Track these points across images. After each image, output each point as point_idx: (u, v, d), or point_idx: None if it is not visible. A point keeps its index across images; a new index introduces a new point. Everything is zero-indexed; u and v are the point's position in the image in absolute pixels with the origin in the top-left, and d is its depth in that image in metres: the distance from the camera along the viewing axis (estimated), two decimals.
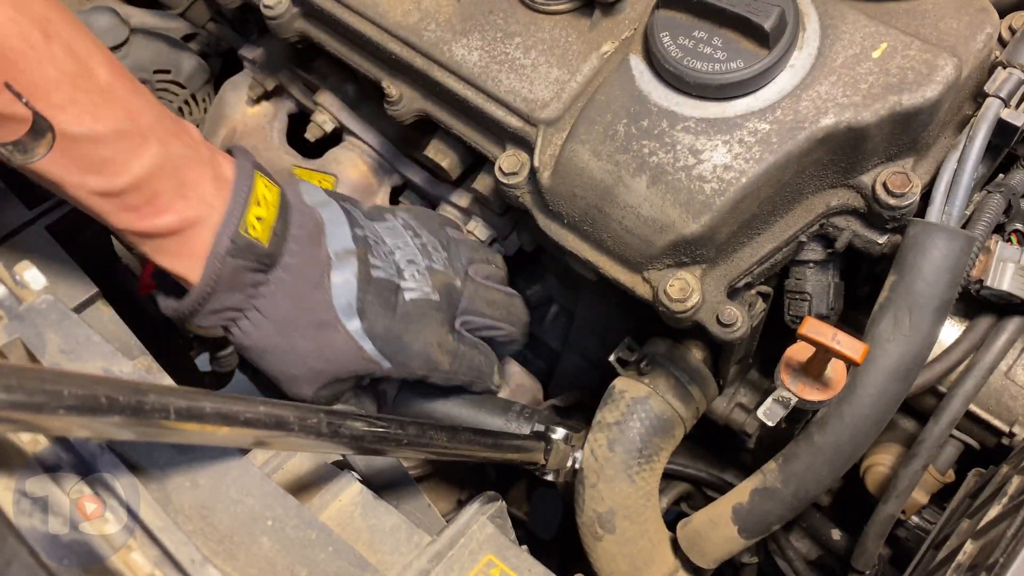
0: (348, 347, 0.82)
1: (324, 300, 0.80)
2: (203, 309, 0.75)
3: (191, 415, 0.53)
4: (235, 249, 0.73)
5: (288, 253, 0.78)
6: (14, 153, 0.63)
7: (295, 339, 0.80)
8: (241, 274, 0.75)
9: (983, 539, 0.74)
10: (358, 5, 0.95)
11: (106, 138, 0.66)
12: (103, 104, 0.66)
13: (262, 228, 0.76)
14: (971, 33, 0.79)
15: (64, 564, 0.51)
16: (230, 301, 0.76)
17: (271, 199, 0.78)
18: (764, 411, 0.78)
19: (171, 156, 0.72)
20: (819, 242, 0.89)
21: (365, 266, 0.83)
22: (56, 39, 0.63)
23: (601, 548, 0.96)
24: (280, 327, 0.79)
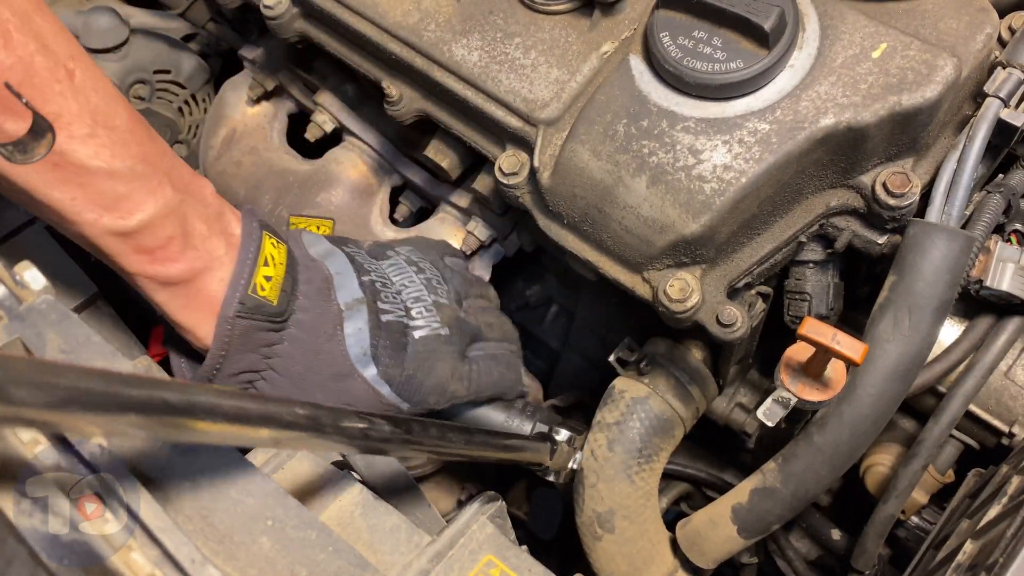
0: (367, 394, 0.82)
1: (339, 352, 0.81)
2: (220, 373, 0.76)
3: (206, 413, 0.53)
4: (245, 310, 0.74)
5: (299, 309, 0.79)
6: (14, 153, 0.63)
7: (314, 393, 0.80)
8: (253, 335, 0.76)
9: (983, 539, 0.74)
10: (358, 5, 0.95)
11: (123, 175, 0.67)
12: (121, 143, 0.67)
13: (271, 287, 0.76)
14: (971, 33, 0.79)
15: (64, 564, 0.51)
16: (245, 362, 0.77)
17: (279, 258, 0.78)
18: (764, 411, 0.78)
19: (183, 205, 0.73)
20: (819, 242, 0.89)
21: (375, 313, 0.83)
22: (80, 77, 0.65)
23: (600, 548, 0.96)
24: (298, 382, 0.80)
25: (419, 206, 1.18)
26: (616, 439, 0.94)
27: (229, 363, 0.75)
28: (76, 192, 0.66)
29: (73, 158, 0.65)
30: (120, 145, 0.67)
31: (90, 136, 0.65)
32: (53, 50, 0.64)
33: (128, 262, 0.71)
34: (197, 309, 0.74)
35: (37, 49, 0.62)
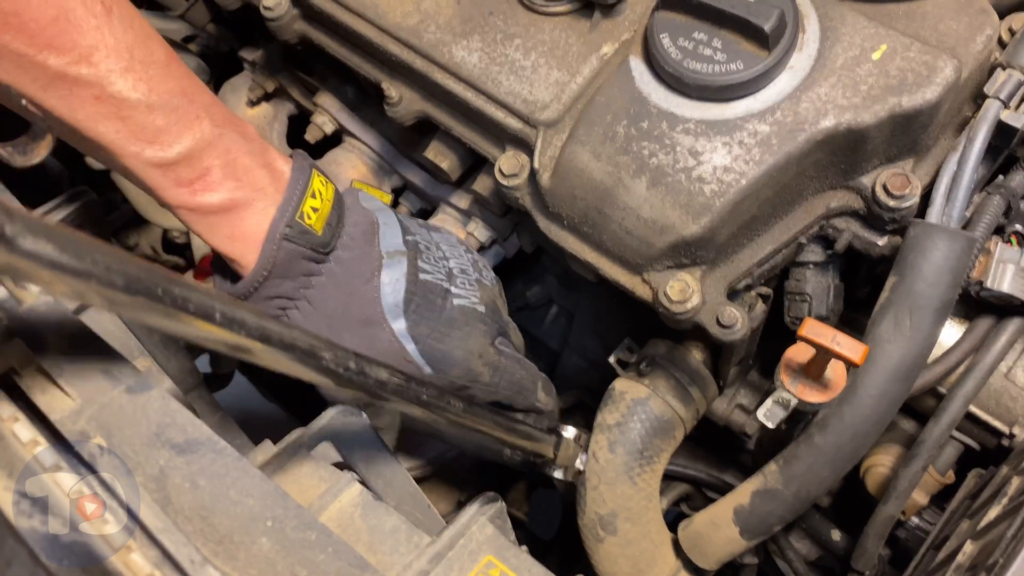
0: (391, 348, 0.82)
1: (372, 297, 0.81)
2: (257, 293, 0.76)
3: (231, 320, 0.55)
4: (291, 234, 0.75)
5: (341, 247, 0.80)
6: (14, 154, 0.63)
7: (342, 335, 0.80)
8: (295, 261, 0.76)
9: (983, 540, 0.74)
10: (358, 7, 0.95)
11: (161, 108, 0.69)
12: (158, 77, 0.69)
13: (317, 219, 0.77)
14: (971, 35, 0.79)
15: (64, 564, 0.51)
16: (283, 288, 0.78)
17: (327, 194, 0.80)
18: (764, 412, 0.78)
19: (224, 138, 0.74)
20: (819, 243, 0.89)
21: (414, 268, 0.84)
22: (116, 13, 0.67)
23: (603, 550, 0.96)
24: (330, 321, 0.80)
25: (419, 207, 1.18)
26: (617, 440, 0.94)
27: (268, 285, 0.76)
28: (119, 125, 0.67)
29: (112, 90, 0.66)
30: (157, 79, 0.69)
31: (127, 70, 0.67)
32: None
33: (170, 195, 0.72)
34: (240, 239, 0.75)
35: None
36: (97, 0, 0.65)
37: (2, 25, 0.61)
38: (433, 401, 0.72)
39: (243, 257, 0.76)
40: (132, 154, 0.69)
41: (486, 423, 0.79)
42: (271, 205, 0.76)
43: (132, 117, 0.68)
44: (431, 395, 0.71)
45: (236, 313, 0.56)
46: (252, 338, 0.57)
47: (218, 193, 0.73)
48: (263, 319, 0.58)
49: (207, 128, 0.72)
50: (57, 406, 0.60)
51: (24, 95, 0.65)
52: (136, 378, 0.63)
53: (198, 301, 0.53)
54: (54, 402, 0.60)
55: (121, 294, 0.49)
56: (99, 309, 0.77)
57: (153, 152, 0.70)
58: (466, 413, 0.76)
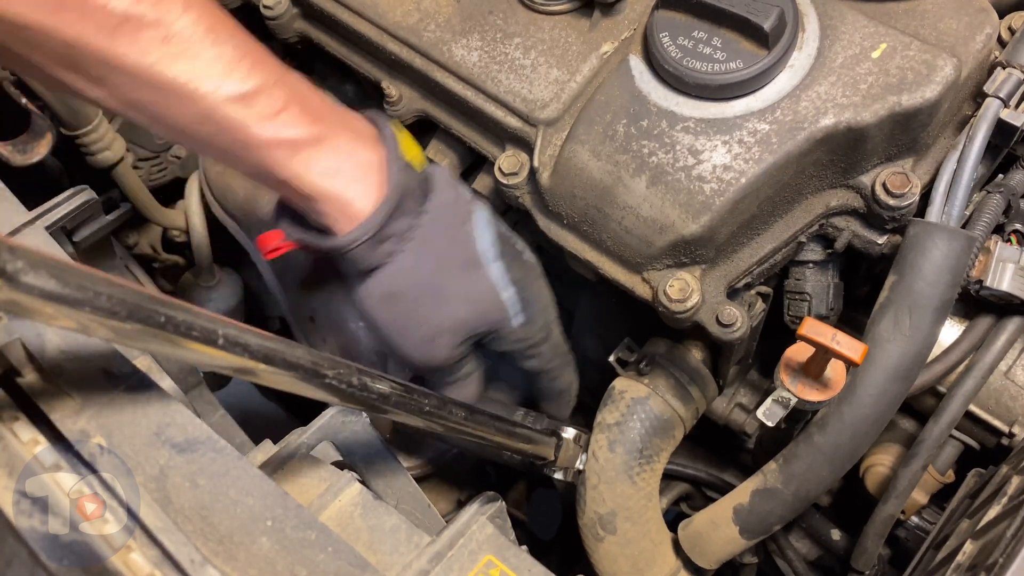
0: (491, 293, 0.81)
1: (469, 239, 0.80)
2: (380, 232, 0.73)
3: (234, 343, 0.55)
4: (403, 165, 0.74)
5: (436, 188, 0.78)
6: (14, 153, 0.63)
7: (448, 278, 0.79)
8: (408, 197, 0.75)
9: (983, 539, 0.74)
10: (358, 5, 0.95)
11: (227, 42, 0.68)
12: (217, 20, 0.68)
13: (412, 157, 0.76)
14: (970, 33, 0.79)
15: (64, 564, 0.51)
16: (397, 226, 0.75)
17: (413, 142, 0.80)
18: (764, 411, 0.78)
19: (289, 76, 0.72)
20: (819, 242, 0.89)
21: (493, 215, 0.83)
22: None
23: (603, 549, 0.96)
24: (438, 262, 0.78)
25: None
26: (617, 440, 0.94)
27: (391, 222, 0.73)
28: (192, 63, 0.66)
29: (177, 28, 0.65)
30: (216, 21, 0.68)
31: (187, 7, 0.66)
32: None
33: (257, 131, 0.70)
34: (337, 173, 0.72)
35: None
36: None
37: None
38: (435, 411, 0.71)
39: (346, 192, 0.73)
40: (210, 91, 0.67)
41: (487, 429, 0.79)
42: (357, 140, 0.74)
43: (202, 54, 0.66)
44: (432, 406, 0.71)
45: (240, 336, 0.55)
46: (256, 359, 0.57)
47: (301, 127, 0.71)
48: (266, 340, 0.58)
49: (274, 66, 0.71)
50: (57, 406, 0.60)
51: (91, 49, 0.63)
52: (136, 378, 0.63)
53: (201, 327, 0.53)
54: (54, 402, 0.60)
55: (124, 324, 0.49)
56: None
57: (231, 86, 0.68)
58: (467, 421, 0.75)
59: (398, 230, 0.75)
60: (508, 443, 0.83)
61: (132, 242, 1.47)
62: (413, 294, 0.78)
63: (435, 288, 0.78)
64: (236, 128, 0.69)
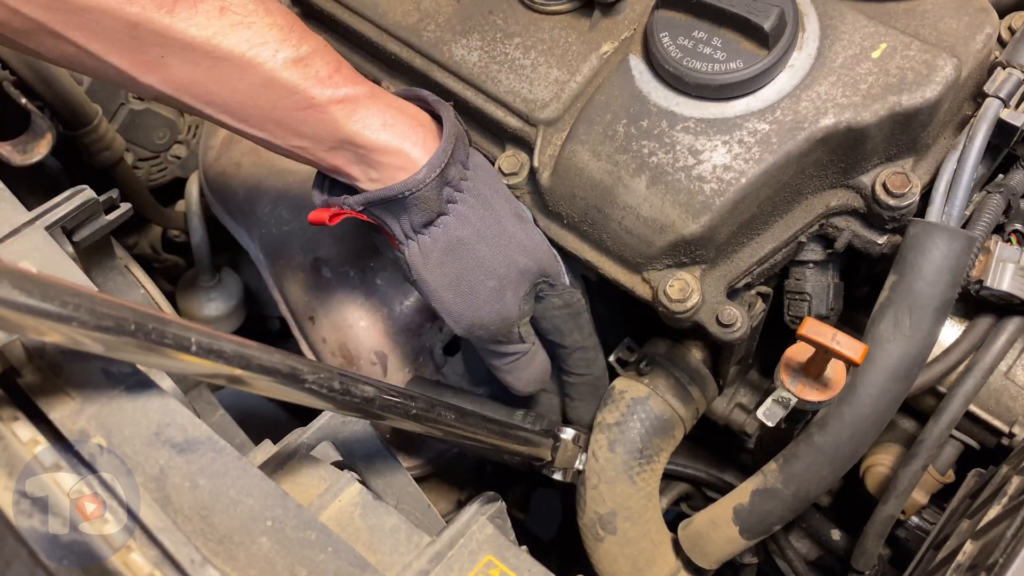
0: (543, 243, 0.84)
1: (512, 195, 0.85)
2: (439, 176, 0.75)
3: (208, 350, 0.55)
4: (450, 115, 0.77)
5: (475, 146, 0.83)
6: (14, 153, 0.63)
7: (505, 224, 0.80)
8: (460, 146, 0.77)
9: (983, 539, 0.74)
10: (358, 5, 0.95)
11: (276, 12, 0.71)
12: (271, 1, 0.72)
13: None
14: (971, 33, 0.79)
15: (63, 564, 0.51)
16: (453, 173, 0.77)
17: None
18: (764, 411, 0.78)
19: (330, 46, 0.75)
20: (819, 242, 0.89)
21: None
22: None
23: (603, 549, 0.96)
24: (494, 212, 0.80)
25: None
26: (617, 440, 0.94)
27: (448, 167, 0.75)
28: (248, 32, 0.69)
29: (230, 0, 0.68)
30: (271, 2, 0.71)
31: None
32: None
33: (318, 91, 0.72)
34: (394, 123, 0.75)
35: None
36: None
37: None
38: (423, 414, 0.71)
39: (404, 143, 0.75)
40: (268, 57, 0.70)
41: (480, 431, 0.78)
42: (399, 100, 0.78)
43: (257, 22, 0.69)
44: (420, 408, 0.71)
45: (213, 342, 0.55)
46: (231, 365, 0.57)
47: (354, 85, 0.74)
48: (241, 345, 0.58)
49: (314, 33, 0.74)
50: (57, 406, 0.60)
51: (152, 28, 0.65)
52: (136, 378, 0.63)
53: (173, 334, 0.53)
54: (54, 402, 0.60)
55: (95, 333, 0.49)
56: None
57: (287, 51, 0.70)
58: (459, 423, 0.75)
59: (454, 176, 0.77)
60: (503, 445, 0.83)
61: (132, 242, 1.47)
62: (475, 242, 0.79)
63: (496, 234, 0.80)
64: (297, 91, 0.72)
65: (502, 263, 0.80)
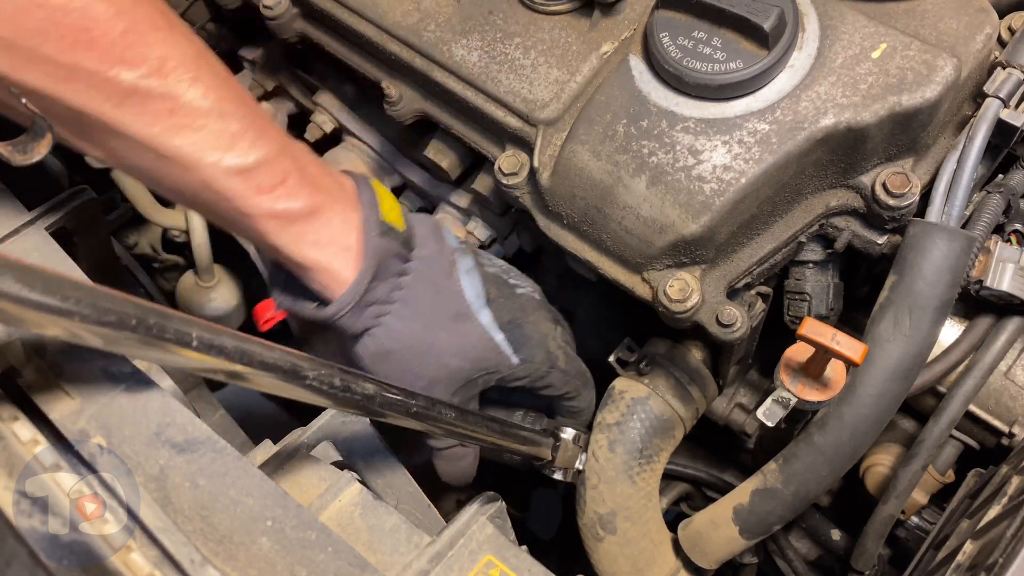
0: (482, 340, 0.83)
1: (457, 291, 0.82)
2: (359, 303, 0.75)
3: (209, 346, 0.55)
4: (384, 230, 0.75)
5: (420, 244, 0.80)
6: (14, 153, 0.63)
7: (437, 333, 0.80)
8: (389, 261, 0.76)
9: (983, 539, 0.74)
10: (358, 5, 0.95)
11: (232, 115, 0.69)
12: (224, 86, 0.69)
13: (395, 216, 0.78)
14: (970, 33, 0.79)
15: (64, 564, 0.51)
16: (379, 292, 0.77)
17: (391, 197, 0.80)
18: (764, 411, 0.78)
19: (291, 146, 0.74)
20: (819, 242, 0.89)
21: (478, 261, 0.85)
22: (177, 26, 0.68)
23: (602, 549, 0.96)
24: (424, 320, 0.79)
25: (419, 206, 1.18)
26: (617, 440, 0.94)
27: (371, 290, 0.75)
28: (195, 136, 0.67)
29: (184, 101, 0.66)
30: (224, 88, 0.69)
31: (196, 80, 0.67)
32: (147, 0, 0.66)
33: (253, 204, 0.71)
34: (327, 244, 0.74)
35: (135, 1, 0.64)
36: (158, 13, 0.66)
37: (72, 43, 0.60)
38: (423, 412, 0.71)
39: (333, 263, 0.75)
40: (211, 163, 0.68)
41: (480, 430, 0.78)
42: (349, 209, 0.76)
43: (207, 126, 0.67)
44: (421, 406, 0.71)
45: (215, 338, 0.55)
46: (232, 361, 0.56)
47: (299, 199, 0.72)
48: (243, 341, 0.57)
49: (276, 135, 0.72)
50: (57, 406, 0.60)
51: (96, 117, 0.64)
52: (136, 378, 0.63)
53: (175, 329, 0.53)
54: (54, 402, 0.60)
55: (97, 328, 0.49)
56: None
57: (232, 159, 0.69)
58: (459, 421, 0.75)
59: (380, 295, 0.77)
60: (503, 444, 0.83)
61: (132, 242, 1.47)
62: (403, 353, 0.80)
63: (424, 345, 0.80)
64: (234, 199, 0.71)
65: (431, 367, 0.81)
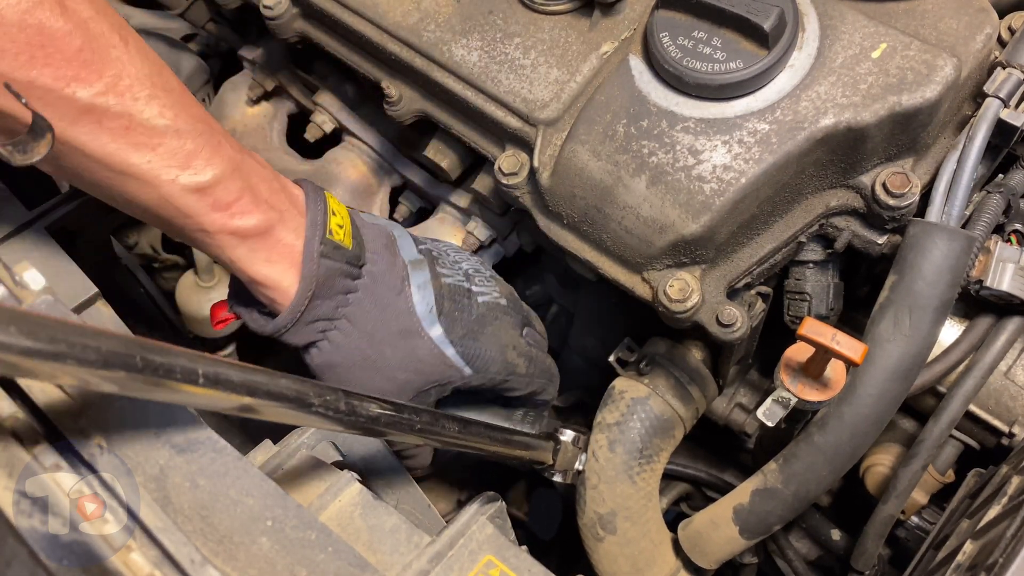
0: (432, 355, 0.82)
1: (407, 307, 0.81)
2: (301, 320, 0.76)
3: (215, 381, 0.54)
4: (327, 250, 0.75)
5: (370, 260, 0.80)
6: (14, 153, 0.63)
7: (383, 349, 0.80)
8: (334, 279, 0.77)
9: (983, 539, 0.74)
10: (358, 5, 0.95)
11: (189, 133, 0.69)
12: (180, 104, 0.69)
13: (344, 234, 0.78)
14: (970, 33, 0.79)
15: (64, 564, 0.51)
16: (323, 309, 0.77)
17: (343, 212, 0.80)
18: (764, 411, 0.78)
19: (246, 163, 0.74)
20: (819, 242, 0.89)
21: (435, 273, 0.84)
22: (132, 43, 0.67)
23: (602, 549, 0.96)
24: (370, 337, 0.79)
25: (419, 206, 1.18)
26: (617, 440, 0.94)
27: (312, 308, 0.76)
28: (151, 154, 0.67)
29: (140, 119, 0.66)
30: (180, 106, 0.69)
31: (152, 97, 0.67)
32: (106, 17, 0.65)
33: (209, 220, 0.71)
34: (278, 260, 0.75)
35: (91, 16, 0.64)
36: (114, 31, 0.65)
37: (29, 60, 0.60)
38: (427, 428, 0.71)
39: (282, 278, 0.75)
40: (168, 181, 0.68)
41: (483, 440, 0.79)
42: (300, 227, 0.76)
43: (163, 144, 0.67)
44: (424, 422, 0.71)
45: (222, 372, 0.55)
46: (239, 394, 0.56)
47: (254, 215, 0.73)
48: (248, 372, 0.57)
49: (232, 153, 0.73)
50: (57, 406, 0.60)
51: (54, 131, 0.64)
52: None
53: (182, 367, 0.52)
54: (54, 402, 0.60)
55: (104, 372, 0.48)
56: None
57: (189, 177, 0.69)
58: (462, 434, 0.76)
59: (324, 312, 0.77)
60: (505, 451, 0.83)
61: (132, 242, 1.47)
62: (348, 367, 0.80)
63: (370, 361, 0.80)
64: (192, 216, 0.71)
65: (378, 381, 0.81)
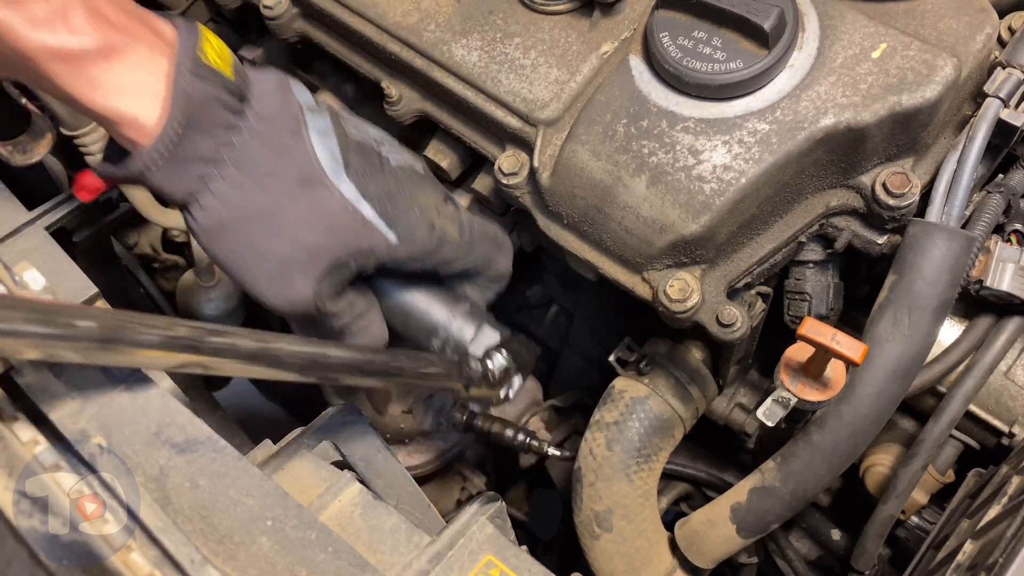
0: (344, 211, 0.69)
1: (305, 152, 0.68)
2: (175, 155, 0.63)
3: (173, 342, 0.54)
4: (201, 72, 0.63)
5: (256, 100, 0.67)
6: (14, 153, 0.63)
7: (280, 200, 0.67)
8: (212, 108, 0.64)
9: (983, 539, 0.74)
10: (358, 5, 0.95)
11: None
12: None
13: (223, 63, 0.66)
14: (970, 33, 0.79)
15: (64, 564, 0.51)
16: (202, 148, 0.65)
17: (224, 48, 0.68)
18: (764, 411, 0.78)
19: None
20: (819, 242, 0.89)
21: (339, 124, 0.72)
22: None
23: (598, 547, 0.96)
24: (264, 185, 0.67)
25: None
26: (615, 439, 0.94)
27: (187, 142, 0.63)
28: None
29: None
30: None
31: None
32: None
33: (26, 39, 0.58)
34: (134, 91, 0.62)
35: None
36: None
37: None
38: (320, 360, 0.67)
39: (140, 113, 0.63)
40: None
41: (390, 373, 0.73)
42: (160, 53, 0.63)
43: None
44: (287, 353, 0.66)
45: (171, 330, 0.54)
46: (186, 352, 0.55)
47: (86, 35, 0.60)
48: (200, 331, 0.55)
49: None
50: (57, 406, 0.60)
51: None
52: (136, 377, 0.63)
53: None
54: (54, 402, 0.60)
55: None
56: None
57: None
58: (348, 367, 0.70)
59: (203, 151, 0.65)
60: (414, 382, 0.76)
61: (132, 242, 1.47)
62: (241, 225, 0.68)
63: (266, 214, 0.68)
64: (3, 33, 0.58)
65: (280, 243, 0.68)
